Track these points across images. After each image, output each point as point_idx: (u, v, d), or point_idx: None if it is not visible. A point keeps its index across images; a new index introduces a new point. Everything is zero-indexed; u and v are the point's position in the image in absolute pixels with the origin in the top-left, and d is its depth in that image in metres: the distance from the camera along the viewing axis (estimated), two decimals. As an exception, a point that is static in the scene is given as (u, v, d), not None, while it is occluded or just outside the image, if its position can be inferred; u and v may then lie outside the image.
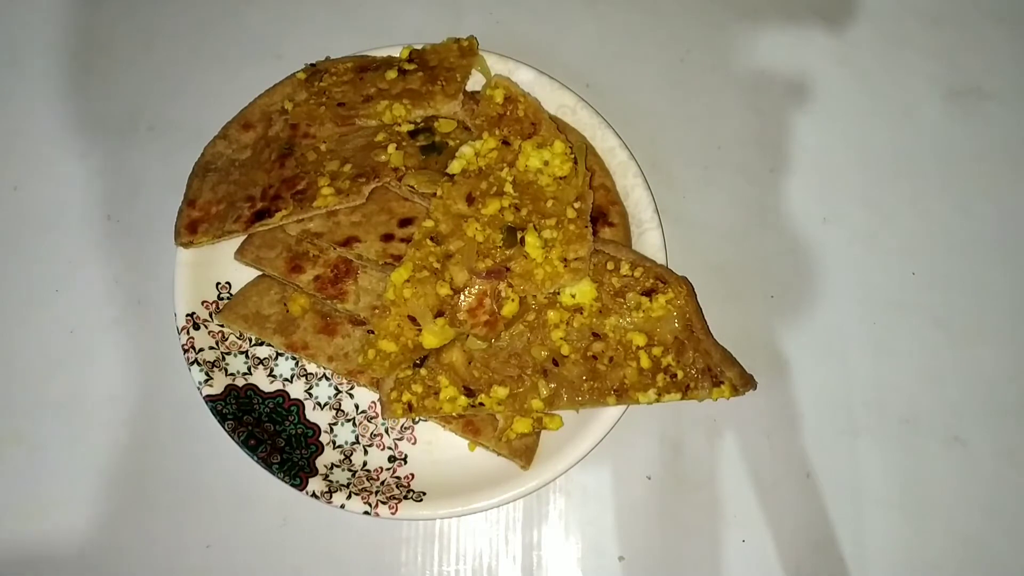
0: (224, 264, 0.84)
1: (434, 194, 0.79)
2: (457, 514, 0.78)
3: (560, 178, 0.81)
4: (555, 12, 1.00)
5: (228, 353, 0.83)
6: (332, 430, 0.83)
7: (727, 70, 0.99)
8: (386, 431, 0.83)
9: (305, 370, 0.84)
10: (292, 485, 0.77)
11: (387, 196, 0.82)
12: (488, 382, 0.77)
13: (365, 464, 0.81)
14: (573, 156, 0.82)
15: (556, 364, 0.78)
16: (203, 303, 0.83)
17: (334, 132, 0.85)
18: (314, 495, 0.77)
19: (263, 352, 0.84)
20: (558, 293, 0.78)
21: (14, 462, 0.85)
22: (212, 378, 0.81)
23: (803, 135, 0.96)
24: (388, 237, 0.80)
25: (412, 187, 0.79)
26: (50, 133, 0.95)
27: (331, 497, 0.77)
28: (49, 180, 0.94)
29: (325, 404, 0.84)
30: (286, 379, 0.84)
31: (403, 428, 0.83)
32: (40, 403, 0.87)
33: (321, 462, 0.80)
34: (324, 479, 0.78)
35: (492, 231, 0.78)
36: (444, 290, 0.76)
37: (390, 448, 0.82)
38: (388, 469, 0.81)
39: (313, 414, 0.83)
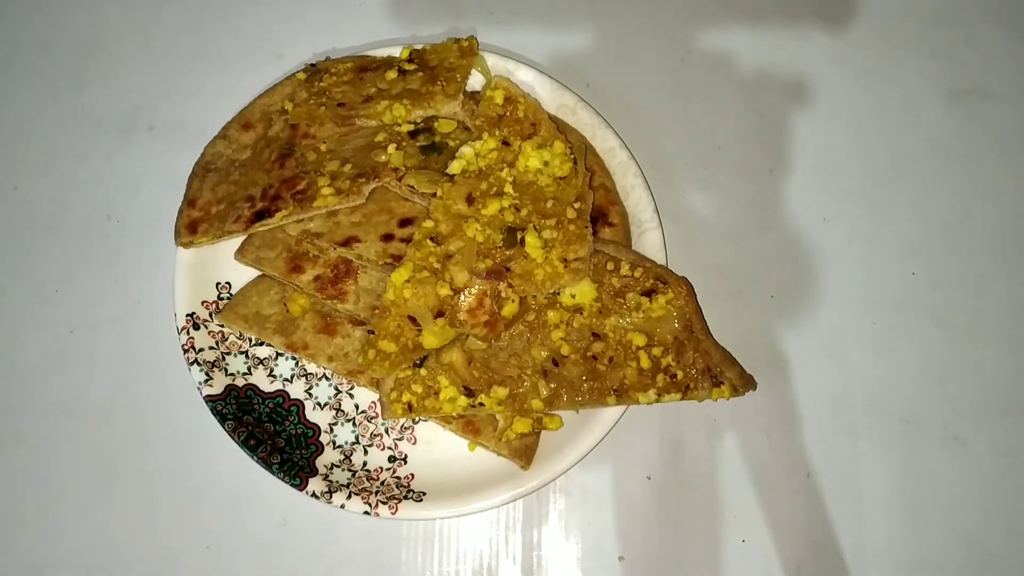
0: (224, 264, 0.84)
1: (434, 194, 0.79)
2: (457, 514, 0.78)
3: (560, 178, 0.81)
4: (555, 12, 1.00)
5: (228, 353, 0.83)
6: (332, 430, 0.83)
7: (727, 70, 0.99)
8: (386, 431, 0.83)
9: (305, 370, 0.84)
10: (292, 485, 0.77)
11: (387, 196, 0.82)
12: (488, 382, 0.77)
13: (365, 464, 0.81)
14: (573, 156, 0.82)
15: (556, 364, 0.78)
16: (203, 303, 0.83)
17: (334, 132, 0.85)
18: (314, 495, 0.77)
19: (263, 352, 0.84)
20: (558, 293, 0.78)
21: (14, 462, 0.85)
22: (212, 378, 0.81)
23: (803, 135, 0.96)
24: (388, 237, 0.80)
25: (412, 187, 0.79)
26: (50, 133, 0.95)
27: (331, 497, 0.77)
28: (49, 180, 0.94)
29: (325, 404, 0.84)
30: (286, 379, 0.84)
31: (403, 428, 0.83)
32: (40, 403, 0.87)
33: (321, 462, 0.80)
34: (324, 479, 0.78)
35: (492, 231, 0.78)
36: (444, 290, 0.76)
37: (390, 448, 0.82)
38: (388, 469, 0.81)
39: (313, 414, 0.83)
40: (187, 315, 0.82)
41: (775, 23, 1.00)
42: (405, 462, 0.82)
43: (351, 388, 0.84)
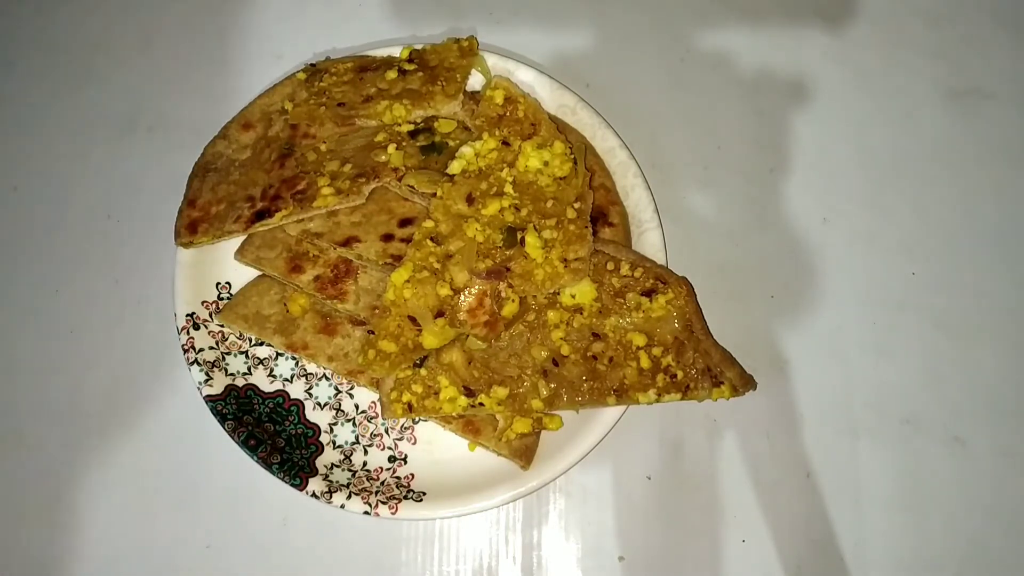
0: (224, 264, 0.84)
1: (434, 194, 0.79)
2: (457, 514, 0.78)
3: (560, 178, 0.81)
4: (555, 12, 1.00)
5: (228, 353, 0.83)
6: (332, 430, 0.83)
7: (727, 70, 0.99)
8: (386, 431, 0.83)
9: (305, 370, 0.84)
10: (292, 485, 0.77)
11: (387, 196, 0.82)
12: (488, 382, 0.77)
13: (365, 464, 0.81)
14: (573, 156, 0.82)
15: (556, 364, 0.78)
16: (203, 303, 0.83)
17: (334, 132, 0.85)
18: (314, 495, 0.77)
19: (263, 352, 0.84)
20: (558, 293, 0.78)
21: (14, 462, 0.85)
22: (212, 378, 0.81)
23: (803, 135, 0.96)
24: (388, 237, 0.80)
25: (412, 187, 0.79)
26: (50, 133, 0.95)
27: (331, 497, 0.77)
28: (49, 180, 0.94)
29: (325, 404, 0.84)
30: (286, 379, 0.84)
31: (403, 428, 0.83)
32: (40, 403, 0.87)
33: (321, 462, 0.80)
34: (324, 479, 0.78)
35: (492, 231, 0.78)
36: (444, 290, 0.76)
37: (390, 448, 0.82)
38: (388, 469, 0.81)
39: (313, 414, 0.83)
40: (187, 315, 0.82)
41: (775, 23, 1.00)
42: (405, 462, 0.82)
43: (351, 388, 0.84)
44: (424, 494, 0.78)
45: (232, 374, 0.82)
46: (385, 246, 0.80)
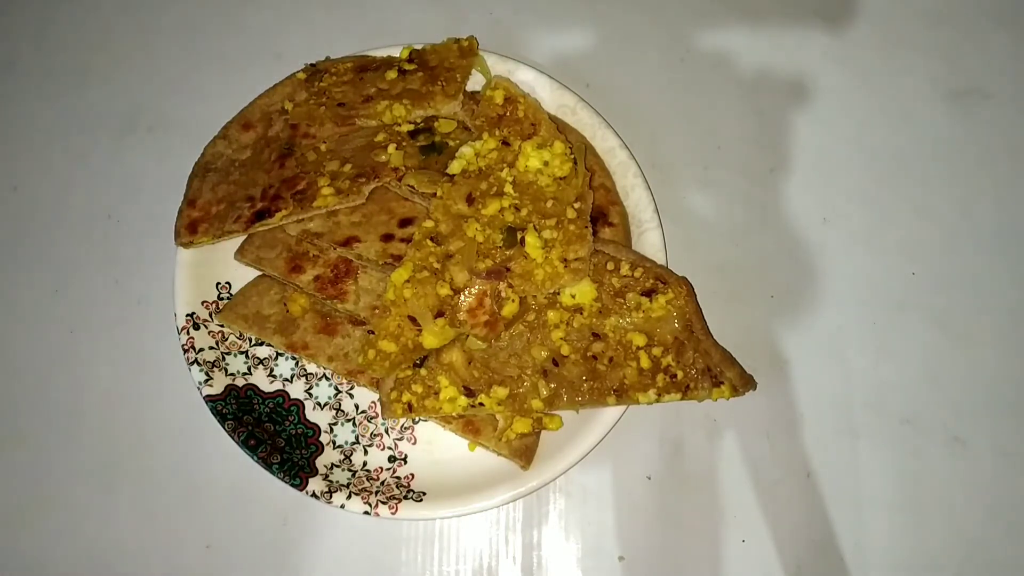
0: (224, 264, 0.84)
1: (434, 194, 0.79)
2: (457, 514, 0.78)
3: (560, 178, 0.81)
4: (555, 12, 1.00)
5: (228, 353, 0.83)
6: (332, 430, 0.83)
7: (727, 70, 0.99)
8: (386, 431, 0.83)
9: (305, 370, 0.84)
10: (292, 485, 0.77)
11: (387, 196, 0.82)
12: (488, 382, 0.77)
13: (365, 464, 0.81)
14: (573, 156, 0.82)
15: (556, 364, 0.78)
16: (203, 303, 0.83)
17: (334, 132, 0.85)
18: (314, 495, 0.77)
19: (263, 352, 0.84)
20: (558, 293, 0.78)
21: (14, 462, 0.85)
22: (212, 378, 0.81)
23: (803, 135, 0.96)
24: (388, 237, 0.80)
25: (412, 187, 0.79)
26: (50, 133, 0.95)
27: (331, 497, 0.77)
28: (49, 180, 0.94)
29: (325, 404, 0.84)
30: (286, 379, 0.84)
31: (403, 428, 0.83)
32: (40, 403, 0.87)
33: (321, 462, 0.80)
34: (324, 479, 0.78)
35: (492, 231, 0.78)
36: (444, 290, 0.76)
37: (390, 448, 0.82)
38: (388, 469, 0.81)
39: (313, 414, 0.83)
40: (187, 315, 0.82)
41: (775, 23, 1.00)
42: (405, 462, 0.82)
43: (351, 388, 0.84)
44: (424, 494, 0.78)
45: (232, 374, 0.82)
46: (385, 246, 0.80)
